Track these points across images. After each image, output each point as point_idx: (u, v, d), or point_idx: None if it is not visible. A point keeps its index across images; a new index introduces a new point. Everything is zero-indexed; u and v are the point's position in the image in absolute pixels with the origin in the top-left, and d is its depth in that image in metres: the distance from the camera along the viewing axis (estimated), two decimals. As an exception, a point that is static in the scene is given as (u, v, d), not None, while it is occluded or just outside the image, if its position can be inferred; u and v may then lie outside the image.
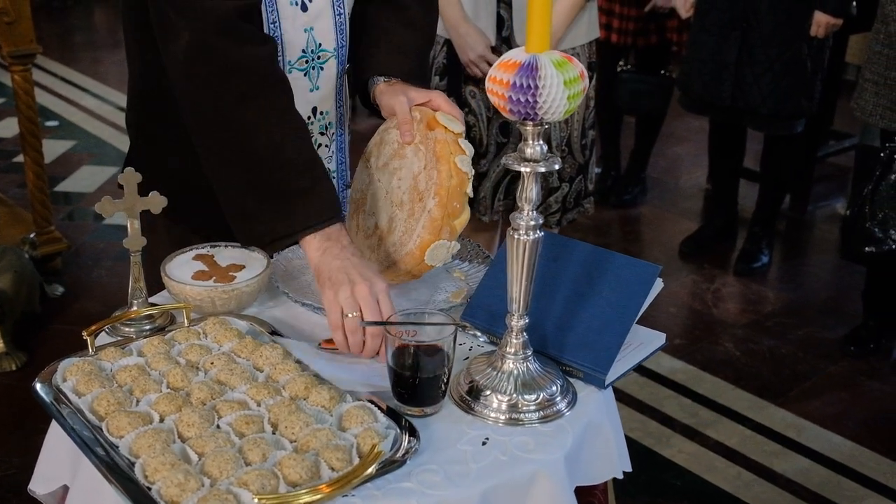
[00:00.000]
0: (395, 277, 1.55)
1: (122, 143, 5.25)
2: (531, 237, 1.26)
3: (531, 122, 1.20)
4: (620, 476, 1.37)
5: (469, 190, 1.50)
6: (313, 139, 1.67)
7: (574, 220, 2.98)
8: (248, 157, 1.46)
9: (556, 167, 1.24)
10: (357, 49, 1.72)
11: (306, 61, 1.65)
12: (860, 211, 2.90)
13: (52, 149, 5.03)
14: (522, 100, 1.16)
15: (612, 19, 4.16)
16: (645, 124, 4.53)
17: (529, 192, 1.25)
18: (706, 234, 4.14)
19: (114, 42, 7.44)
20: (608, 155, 4.57)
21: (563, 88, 1.16)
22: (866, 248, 2.94)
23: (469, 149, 1.51)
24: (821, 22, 3.42)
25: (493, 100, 1.20)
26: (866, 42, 5.76)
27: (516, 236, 1.26)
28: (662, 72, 4.31)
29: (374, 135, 1.65)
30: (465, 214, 1.51)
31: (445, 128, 1.51)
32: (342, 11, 1.66)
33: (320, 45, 1.65)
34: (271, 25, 1.58)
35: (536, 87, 1.15)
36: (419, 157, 1.52)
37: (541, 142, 1.23)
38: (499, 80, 1.18)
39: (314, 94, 1.69)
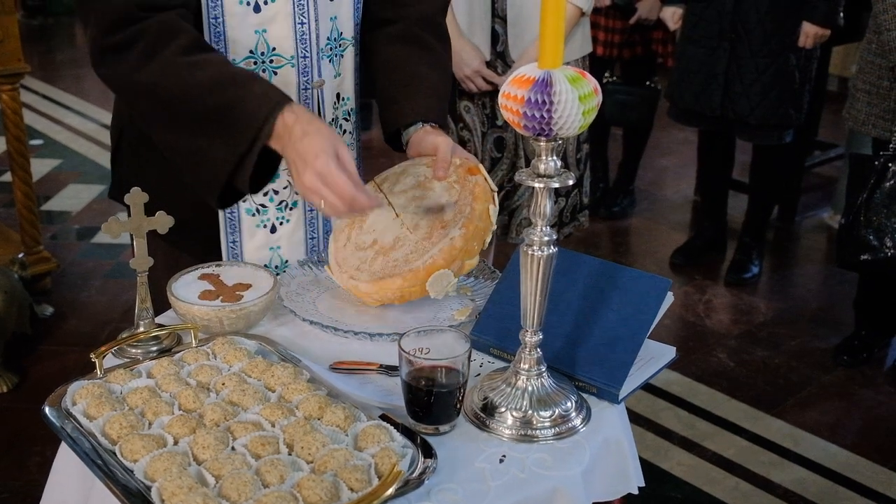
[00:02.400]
0: (382, 291, 1.53)
1: (108, 160, 5.21)
2: (545, 252, 1.26)
3: (545, 138, 1.20)
4: (636, 491, 1.36)
5: (487, 241, 1.54)
6: None
7: (570, 234, 2.98)
8: (172, 104, 1.46)
9: (571, 182, 1.23)
10: (388, 89, 1.72)
11: (255, 62, 1.61)
12: (855, 219, 2.91)
13: (37, 168, 4.97)
14: (537, 116, 1.16)
15: (597, 31, 4.18)
16: (632, 136, 4.56)
17: (543, 207, 1.25)
18: (696, 246, 4.16)
19: (96, 59, 7.40)
20: (596, 167, 4.59)
21: (577, 104, 1.15)
22: (861, 256, 2.96)
23: (497, 207, 1.57)
24: (809, 32, 3.45)
25: (507, 116, 1.20)
26: (850, 53, 5.84)
27: (530, 252, 1.26)
28: (648, 83, 4.34)
29: (396, 166, 1.67)
30: (475, 260, 1.54)
31: (486, 178, 1.56)
32: (306, 21, 1.62)
33: (274, 49, 1.62)
34: (212, 21, 1.56)
35: (551, 102, 1.15)
36: (451, 194, 1.55)
37: (554, 157, 1.22)
38: (513, 97, 1.17)
39: None
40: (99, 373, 1.35)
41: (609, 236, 4.46)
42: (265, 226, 1.70)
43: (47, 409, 1.28)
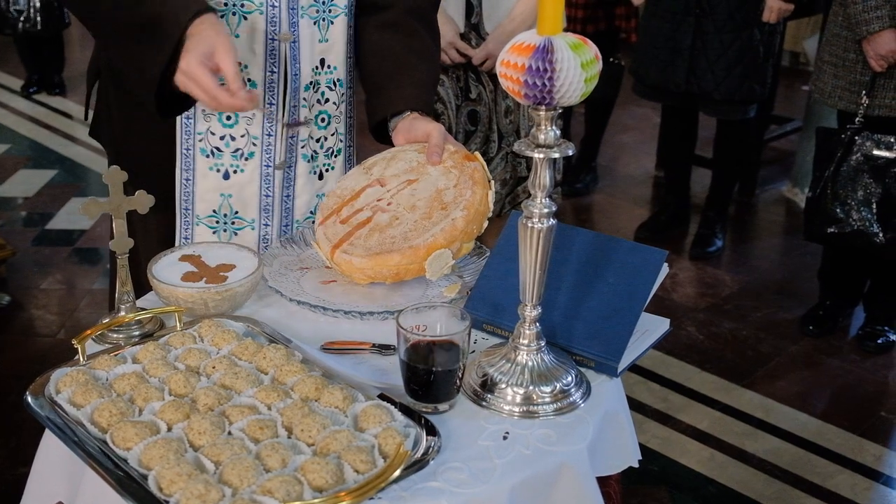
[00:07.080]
0: (377, 267, 1.49)
1: (59, 145, 5.09)
2: (545, 225, 1.23)
3: (545, 107, 1.17)
4: (636, 465, 1.35)
5: (484, 227, 1.54)
6: None
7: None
8: (107, 13, 1.53)
9: (571, 153, 1.21)
10: (376, 77, 1.71)
11: (225, 4, 1.60)
12: (822, 193, 2.94)
13: (-15, 153, 4.86)
14: (539, 84, 1.13)
15: (559, 8, 4.15)
16: (594, 112, 4.54)
17: (542, 178, 1.22)
18: (661, 221, 4.17)
19: (41, 42, 7.19)
20: (559, 144, 4.58)
21: (580, 71, 1.12)
22: (828, 230, 2.98)
23: (495, 193, 1.59)
24: (773, 7, 3.46)
25: (507, 84, 1.17)
26: (801, 27, 5.88)
27: (529, 224, 1.23)
28: (611, 59, 4.32)
29: (385, 151, 1.65)
30: (472, 244, 1.55)
31: (483, 166, 1.57)
32: None
33: None
34: None
35: (553, 70, 1.12)
36: (448, 178, 1.54)
37: (554, 127, 1.20)
38: (513, 64, 1.14)
39: None
40: (82, 359, 1.30)
41: (573, 213, 4.46)
42: (218, 170, 1.68)
43: (30, 399, 1.23)
